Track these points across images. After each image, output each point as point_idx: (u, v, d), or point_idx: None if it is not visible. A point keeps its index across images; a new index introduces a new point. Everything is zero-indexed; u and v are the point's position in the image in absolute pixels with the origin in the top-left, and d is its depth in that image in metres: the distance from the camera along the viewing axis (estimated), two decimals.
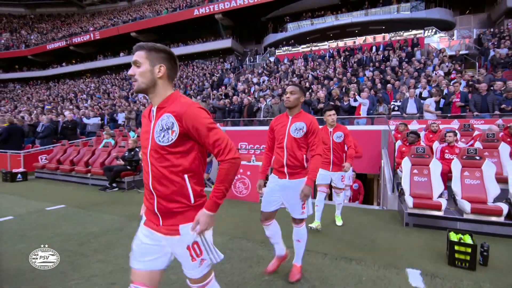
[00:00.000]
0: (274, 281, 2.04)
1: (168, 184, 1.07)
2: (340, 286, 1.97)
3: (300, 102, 2.01)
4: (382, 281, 2.03)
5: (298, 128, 1.97)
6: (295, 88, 1.99)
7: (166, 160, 1.06)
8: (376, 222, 3.46)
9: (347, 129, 3.13)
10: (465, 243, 2.18)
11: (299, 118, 2.00)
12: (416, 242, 2.77)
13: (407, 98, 7.04)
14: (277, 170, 2.05)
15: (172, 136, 1.04)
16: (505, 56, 9.87)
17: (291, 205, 1.98)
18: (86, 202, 4.33)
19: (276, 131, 2.07)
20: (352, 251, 2.57)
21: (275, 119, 2.14)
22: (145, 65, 1.07)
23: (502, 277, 2.09)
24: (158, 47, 1.10)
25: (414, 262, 2.32)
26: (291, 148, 1.97)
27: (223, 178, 1.06)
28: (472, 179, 3.27)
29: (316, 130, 1.98)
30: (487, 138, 4.22)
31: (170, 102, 1.09)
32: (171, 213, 1.09)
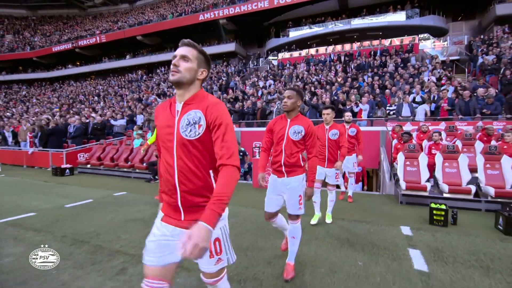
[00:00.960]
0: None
1: (195, 178, 1.08)
2: (355, 235, 2.95)
3: (297, 106, 2.09)
4: (384, 232, 3.03)
5: (297, 131, 2.07)
6: (292, 92, 2.07)
7: (192, 154, 1.07)
8: (378, 202, 4.49)
9: (343, 128, 3.25)
10: (440, 208, 3.21)
11: (297, 121, 2.10)
12: (407, 213, 3.79)
13: (402, 103, 8.09)
14: (275, 170, 2.16)
15: (199, 130, 1.06)
16: (491, 63, 10.85)
17: (290, 201, 2.07)
18: (141, 190, 5.27)
19: (275, 133, 2.17)
20: (363, 217, 3.59)
21: (273, 121, 2.24)
22: (193, 63, 1.11)
23: (465, 230, 3.11)
24: (206, 53, 1.17)
25: (405, 223, 3.35)
26: (289, 149, 2.08)
27: (228, 183, 1.00)
28: (450, 168, 4.31)
29: (313, 133, 2.10)
30: (466, 137, 5.27)
31: (198, 99, 1.12)
32: (195, 207, 1.09)
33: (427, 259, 2.37)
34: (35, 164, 8.43)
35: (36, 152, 8.39)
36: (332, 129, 3.18)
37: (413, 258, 2.39)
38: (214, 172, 1.10)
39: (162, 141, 1.12)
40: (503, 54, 11.20)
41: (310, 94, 10.55)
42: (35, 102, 23.52)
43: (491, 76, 10.52)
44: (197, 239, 0.87)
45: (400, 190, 4.30)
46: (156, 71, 25.26)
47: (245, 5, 20.31)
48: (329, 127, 3.19)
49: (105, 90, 22.12)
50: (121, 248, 2.59)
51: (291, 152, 2.08)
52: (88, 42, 27.62)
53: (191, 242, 0.87)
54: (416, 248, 2.60)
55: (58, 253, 2.22)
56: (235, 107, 9.70)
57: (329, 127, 3.19)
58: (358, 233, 3.02)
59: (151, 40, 25.79)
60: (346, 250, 2.57)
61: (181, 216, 1.10)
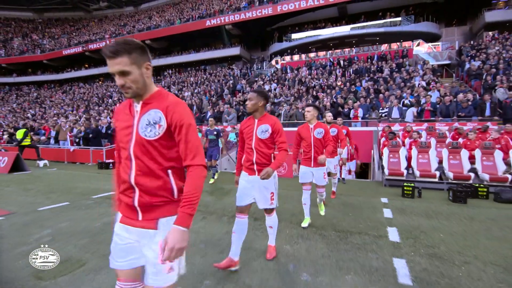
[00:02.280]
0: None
1: (153, 178, 1.06)
2: (349, 203, 4.29)
3: (259, 106, 2.17)
4: (368, 201, 4.39)
5: (263, 130, 2.15)
6: (252, 95, 2.16)
7: (151, 154, 1.05)
8: (368, 185, 5.87)
9: (327, 127, 3.24)
10: (409, 185, 4.55)
11: (264, 120, 2.19)
12: (388, 191, 5.17)
13: (393, 106, 9.42)
14: (247, 168, 2.25)
15: (159, 130, 1.05)
16: (476, 68, 12.05)
17: (261, 198, 2.18)
18: None
19: (245, 133, 2.26)
20: (355, 194, 4.94)
21: (243, 122, 2.34)
22: (134, 70, 1.02)
23: (425, 200, 4.49)
24: (136, 44, 1.04)
25: (385, 196, 4.73)
26: (259, 148, 2.17)
27: (195, 183, 1.02)
28: (423, 159, 5.66)
29: (280, 130, 2.18)
30: (439, 136, 6.62)
31: (157, 98, 1.09)
32: (151, 206, 1.07)
33: (394, 213, 3.74)
34: (76, 160, 9.75)
35: (77, 150, 9.72)
36: (317, 128, 3.15)
37: (384, 212, 3.76)
38: (172, 172, 1.09)
39: (122, 141, 1.11)
40: (488, 59, 12.43)
41: (312, 97, 11.88)
42: (49, 104, 24.72)
43: (476, 80, 11.70)
44: (173, 242, 0.95)
45: (384, 175, 5.65)
46: (163, 74, 26.55)
47: (250, 12, 21.59)
48: (314, 126, 3.16)
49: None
50: None
51: (261, 150, 2.17)
52: (98, 46, 28.67)
53: (168, 246, 0.95)
54: (388, 208, 3.97)
55: None
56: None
57: (314, 126, 3.15)
58: (350, 202, 4.37)
59: (159, 44, 27.02)
60: (341, 210, 3.92)
61: (138, 216, 1.08)
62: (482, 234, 3.02)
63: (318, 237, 2.90)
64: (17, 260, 2.39)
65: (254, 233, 3.01)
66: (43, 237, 2.93)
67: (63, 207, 4.12)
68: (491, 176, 5.05)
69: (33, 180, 6.33)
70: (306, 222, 3.23)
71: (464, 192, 4.31)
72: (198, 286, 1.98)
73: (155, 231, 1.06)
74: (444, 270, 2.22)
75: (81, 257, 2.44)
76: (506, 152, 5.54)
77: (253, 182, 2.20)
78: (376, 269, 2.22)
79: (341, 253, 2.52)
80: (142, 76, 1.06)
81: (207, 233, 3.03)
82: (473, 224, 3.34)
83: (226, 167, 8.89)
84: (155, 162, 1.07)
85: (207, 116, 11.80)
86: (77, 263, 2.34)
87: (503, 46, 13.71)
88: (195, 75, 22.50)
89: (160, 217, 1.07)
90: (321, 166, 3.19)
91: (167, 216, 1.08)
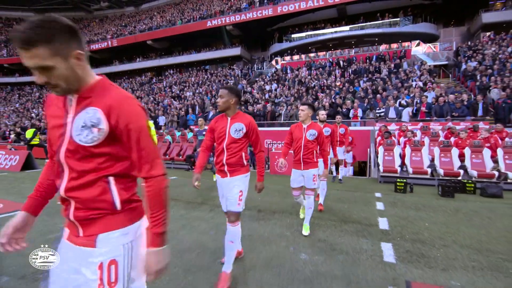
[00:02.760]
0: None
1: (89, 187, 0.87)
2: (346, 197, 4.61)
3: (231, 104, 2.04)
4: (363, 195, 4.70)
5: (237, 129, 2.03)
6: (223, 91, 2.05)
7: (87, 161, 0.86)
8: (364, 182, 6.21)
9: (321, 128, 3.03)
10: (401, 181, 4.88)
11: (237, 119, 2.06)
12: (382, 187, 5.50)
13: (389, 107, 9.74)
14: (218, 170, 2.12)
15: (97, 134, 0.85)
16: (472, 69, 12.35)
17: (229, 198, 2.05)
18: (186, 175, 6.93)
19: (216, 132, 2.11)
20: (352, 189, 5.27)
21: (214, 120, 2.17)
22: (58, 64, 0.78)
23: (416, 195, 4.81)
24: (60, 28, 0.77)
25: (379, 191, 5.06)
26: (231, 148, 2.04)
27: (157, 200, 0.90)
28: (416, 157, 5.98)
29: (255, 130, 2.09)
30: (432, 135, 6.94)
31: (97, 92, 0.87)
32: (89, 220, 0.89)
33: (386, 206, 4.07)
34: None
35: None
36: (310, 129, 2.95)
37: (377, 205, 4.09)
38: (115, 179, 0.90)
39: (52, 143, 0.92)
40: (484, 60, 12.73)
41: (312, 98, 12.20)
42: None
43: (472, 81, 12.00)
44: (151, 267, 0.90)
45: (380, 172, 5.97)
46: (164, 74, 26.87)
47: (250, 13, 21.88)
48: (307, 126, 2.97)
49: None
50: None
51: (233, 151, 2.05)
52: (100, 46, 28.98)
53: (148, 272, 0.91)
54: (381, 201, 4.30)
55: None
56: (249, 110, 11.36)
57: (307, 127, 2.97)
58: (346, 196, 4.70)
59: (160, 44, 27.29)
60: (338, 203, 4.25)
61: (79, 232, 0.90)
62: (463, 224, 3.35)
63: (315, 226, 3.22)
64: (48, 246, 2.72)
65: (258, 223, 3.34)
66: None
67: None
68: (479, 172, 5.38)
69: None
70: (307, 231, 2.96)
71: (452, 187, 4.64)
72: (213, 264, 2.31)
73: (91, 249, 0.87)
74: (424, 252, 2.55)
75: None
76: (495, 150, 5.87)
77: (224, 183, 2.12)
78: (365, 251, 2.55)
79: (335, 238, 2.85)
80: (72, 70, 0.82)
81: (215, 222, 3.35)
82: (457, 215, 3.67)
83: None
84: (92, 170, 0.87)
85: (209, 116, 12.12)
86: None
87: (499, 46, 14.01)
88: (196, 75, 22.81)
89: (99, 233, 0.89)
90: (312, 168, 2.99)
91: (108, 231, 0.89)
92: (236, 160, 2.07)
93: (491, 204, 4.24)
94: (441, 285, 2.01)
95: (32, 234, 3.03)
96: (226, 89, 2.07)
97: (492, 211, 3.89)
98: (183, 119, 12.39)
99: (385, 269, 2.22)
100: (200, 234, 2.97)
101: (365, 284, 2.00)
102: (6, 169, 7.93)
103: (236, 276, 2.11)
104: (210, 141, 2.20)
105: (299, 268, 2.25)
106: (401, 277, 2.10)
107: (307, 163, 2.99)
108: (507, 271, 2.22)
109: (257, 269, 2.23)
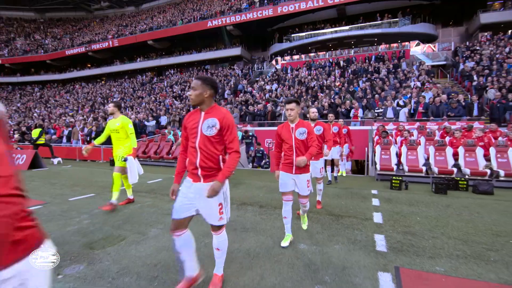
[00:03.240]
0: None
1: None
2: (343, 193, 4.82)
3: (205, 97, 1.81)
4: (361, 192, 4.92)
5: (210, 125, 1.79)
6: (196, 82, 1.81)
7: None
8: (361, 180, 6.43)
9: (311, 126, 2.75)
10: (397, 179, 5.09)
11: (212, 113, 1.82)
12: (379, 184, 5.72)
13: (387, 107, 9.95)
14: (190, 173, 1.87)
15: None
16: (470, 69, 12.54)
17: (207, 211, 1.81)
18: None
19: (188, 129, 1.87)
20: (350, 186, 5.48)
21: (187, 115, 1.93)
22: None
23: (411, 192, 5.02)
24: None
25: (376, 188, 5.28)
26: (204, 148, 1.79)
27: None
28: (411, 156, 6.20)
29: (230, 126, 1.82)
30: (428, 134, 7.16)
31: None
32: None
33: (381, 202, 4.29)
34: (87, 158, 10.29)
35: None
36: (298, 128, 2.68)
37: (373, 201, 4.31)
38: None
39: None
40: (481, 60, 12.92)
41: (312, 98, 12.40)
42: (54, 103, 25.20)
43: (469, 81, 12.20)
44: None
45: (377, 171, 6.19)
46: (165, 74, 27.04)
47: (251, 13, 22.07)
48: (295, 125, 2.70)
49: (121, 92, 23.84)
50: None
51: (207, 151, 1.79)
52: (101, 46, 29.14)
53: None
54: (377, 198, 4.52)
55: None
56: (250, 110, 11.57)
57: (295, 125, 2.69)
58: (344, 193, 4.93)
59: (161, 44, 27.48)
60: (335, 200, 4.47)
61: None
62: (453, 218, 3.56)
63: (314, 220, 3.44)
64: (69, 236, 2.94)
65: (260, 217, 3.56)
66: (82, 220, 3.48)
67: (91, 197, 4.67)
68: (472, 170, 5.59)
69: (54, 176, 6.88)
70: (286, 241, 2.69)
71: (445, 185, 4.86)
72: None
73: None
74: (414, 242, 2.77)
75: (120, 234, 2.99)
76: (488, 149, 6.08)
77: (197, 190, 1.81)
78: (359, 241, 2.76)
79: (332, 230, 3.07)
80: None
81: None
82: (448, 210, 3.89)
83: None
84: None
85: None
86: (118, 238, 2.88)
87: (496, 47, 14.20)
88: (196, 75, 22.98)
89: None
90: (304, 173, 2.70)
91: None
92: (210, 163, 1.81)
93: (482, 201, 4.45)
94: (427, 271, 2.22)
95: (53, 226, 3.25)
96: (200, 80, 1.82)
97: (482, 206, 4.11)
98: None
99: (377, 257, 2.43)
100: (206, 227, 3.15)
101: (358, 270, 2.21)
102: None
103: (241, 262, 2.33)
104: (186, 140, 1.94)
105: (299, 256, 2.46)
106: (391, 263, 2.32)
107: (299, 167, 2.66)
108: (488, 259, 2.43)
109: (260, 257, 2.45)
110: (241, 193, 4.89)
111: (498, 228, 3.19)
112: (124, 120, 3.94)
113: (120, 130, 3.92)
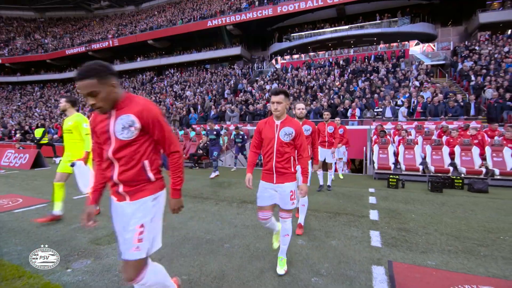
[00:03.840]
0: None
1: None
2: (341, 192, 4.92)
3: (109, 92, 1.28)
4: (358, 191, 5.03)
5: (124, 125, 1.31)
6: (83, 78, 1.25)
7: None
8: (360, 178, 6.55)
9: (299, 125, 2.14)
10: (393, 177, 5.20)
11: (124, 110, 1.32)
12: (376, 183, 5.82)
13: (386, 106, 10.05)
14: (112, 191, 1.41)
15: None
16: (468, 69, 12.62)
17: (122, 236, 1.37)
18: (190, 172, 7.25)
19: (97, 133, 1.39)
20: (347, 185, 5.59)
21: (94, 118, 1.42)
22: None
23: (407, 190, 5.13)
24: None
25: (373, 186, 5.38)
26: (122, 156, 1.33)
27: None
28: (409, 155, 6.30)
29: (155, 121, 1.35)
30: (425, 134, 7.26)
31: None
32: None
33: (378, 200, 4.40)
34: None
35: None
36: (284, 126, 2.11)
37: (370, 199, 4.42)
38: None
39: None
40: (480, 60, 13.00)
41: (311, 97, 12.50)
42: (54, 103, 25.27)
43: (467, 81, 12.28)
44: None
45: (374, 169, 6.30)
46: (165, 73, 27.11)
47: (250, 13, 22.12)
48: (281, 122, 2.13)
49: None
50: None
51: (125, 160, 1.35)
52: (101, 46, 29.17)
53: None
54: (374, 196, 4.63)
55: None
56: (250, 109, 11.67)
57: (281, 123, 2.12)
58: (342, 192, 5.04)
59: (161, 43, 27.52)
60: (333, 198, 4.58)
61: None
62: (447, 215, 3.67)
63: (312, 217, 3.55)
64: (75, 233, 3.05)
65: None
66: None
67: None
68: (468, 169, 5.70)
69: None
70: (282, 268, 2.18)
71: (441, 183, 4.96)
72: (221, 248, 2.64)
73: None
74: (408, 238, 2.87)
75: None
76: (484, 147, 6.19)
77: (119, 212, 1.43)
78: (355, 237, 2.87)
79: (329, 227, 3.18)
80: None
81: (221, 214, 3.68)
82: (442, 208, 4.00)
83: (230, 163, 9.52)
84: None
85: (210, 114, 12.43)
86: None
87: (495, 46, 14.28)
88: (196, 75, 23.09)
89: None
90: (288, 182, 2.13)
91: None
92: (134, 174, 1.35)
93: (476, 199, 4.56)
94: (419, 265, 2.33)
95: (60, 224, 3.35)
96: (91, 69, 1.26)
97: (476, 204, 4.21)
98: (185, 119, 12.70)
99: (372, 252, 2.54)
100: (208, 224, 3.29)
101: (353, 264, 2.32)
102: (16, 167, 8.26)
103: (242, 257, 2.44)
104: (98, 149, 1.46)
105: (297, 251, 2.57)
106: (384, 258, 2.42)
107: (281, 174, 2.13)
108: (478, 254, 2.54)
109: (260, 252, 2.55)
110: (240, 192, 5.00)
111: (490, 225, 3.29)
112: (78, 119, 3.24)
113: (74, 130, 3.28)
